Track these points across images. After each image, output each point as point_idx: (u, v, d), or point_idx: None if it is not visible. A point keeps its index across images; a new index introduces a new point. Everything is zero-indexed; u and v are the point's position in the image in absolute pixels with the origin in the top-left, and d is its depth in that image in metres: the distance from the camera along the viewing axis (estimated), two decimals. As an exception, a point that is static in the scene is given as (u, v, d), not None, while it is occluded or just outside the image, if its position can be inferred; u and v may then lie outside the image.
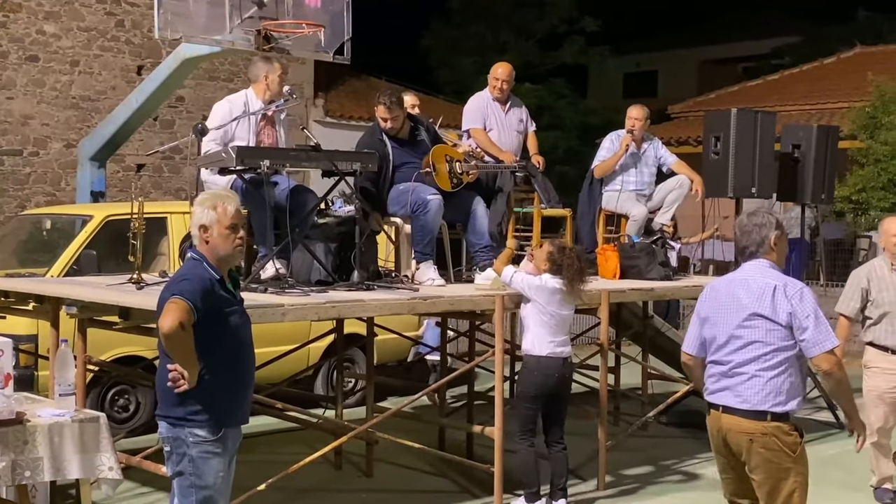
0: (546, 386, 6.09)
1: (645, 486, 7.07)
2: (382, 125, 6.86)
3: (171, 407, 4.19)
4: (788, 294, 4.24)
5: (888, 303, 6.33)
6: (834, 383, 4.30)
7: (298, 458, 5.98)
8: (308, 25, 7.74)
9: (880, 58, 21.32)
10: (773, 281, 4.29)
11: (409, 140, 6.97)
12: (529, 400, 6.13)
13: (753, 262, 4.41)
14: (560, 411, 6.25)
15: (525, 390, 6.15)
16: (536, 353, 6.10)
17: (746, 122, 8.91)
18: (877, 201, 15.07)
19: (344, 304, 5.78)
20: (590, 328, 10.25)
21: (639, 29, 32.47)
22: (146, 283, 6.01)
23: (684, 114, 22.53)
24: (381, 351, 9.13)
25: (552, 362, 6.08)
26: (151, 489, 6.52)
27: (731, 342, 4.34)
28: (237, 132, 6.40)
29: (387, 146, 6.84)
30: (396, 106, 6.81)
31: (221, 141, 6.29)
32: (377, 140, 6.84)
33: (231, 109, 6.46)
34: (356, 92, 19.22)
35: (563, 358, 6.14)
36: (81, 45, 14.89)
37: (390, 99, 6.80)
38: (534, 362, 6.10)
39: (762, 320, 4.24)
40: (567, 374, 6.23)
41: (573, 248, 6.29)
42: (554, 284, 6.08)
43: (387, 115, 6.79)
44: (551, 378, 6.09)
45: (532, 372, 6.11)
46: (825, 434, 8.77)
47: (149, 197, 14.61)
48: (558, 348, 6.10)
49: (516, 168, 7.46)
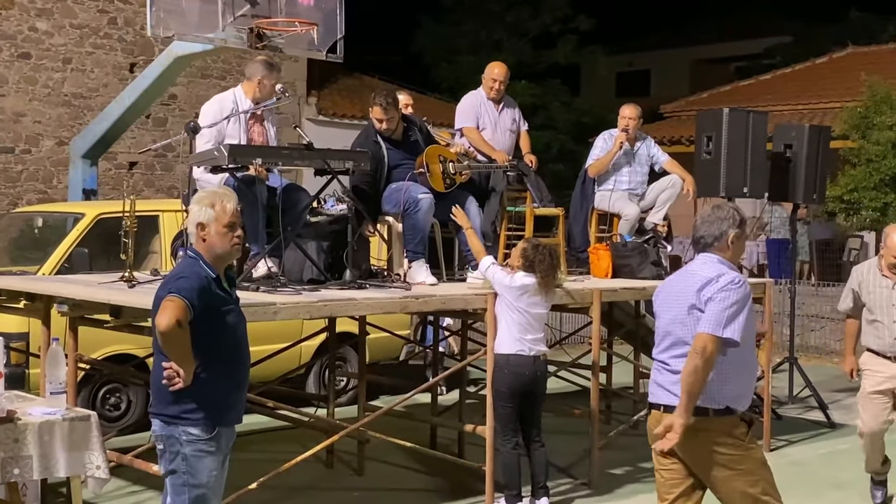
0: (518, 384, 6.07)
1: (636, 485, 7.08)
2: (377, 126, 6.85)
3: (165, 405, 4.18)
4: (719, 284, 4.14)
5: (875, 307, 6.34)
6: (691, 367, 4.08)
7: (290, 457, 5.98)
8: (301, 23, 7.74)
9: (872, 58, 21.39)
10: (713, 273, 4.19)
11: (403, 141, 6.96)
12: (504, 398, 6.12)
13: (705, 254, 4.33)
14: (535, 410, 6.23)
15: (498, 388, 6.14)
16: (505, 351, 6.09)
17: (738, 122, 8.92)
18: (868, 201, 15.10)
19: (336, 302, 5.78)
20: (582, 327, 10.27)
21: (632, 28, 32.51)
22: (137, 281, 6.01)
23: (677, 113, 22.58)
24: (373, 350, 9.12)
25: (521, 360, 6.06)
26: (143, 487, 6.51)
27: (665, 339, 4.30)
28: (229, 131, 6.38)
29: (382, 148, 6.83)
30: (392, 107, 6.80)
31: (216, 140, 6.28)
32: (372, 142, 6.83)
33: (221, 108, 6.43)
34: (349, 90, 19.22)
35: (534, 356, 6.11)
36: (74, 42, 14.86)
37: (386, 100, 6.78)
38: (503, 360, 6.10)
39: (697, 312, 4.17)
40: (539, 372, 6.19)
41: (545, 246, 6.29)
42: (524, 281, 6.07)
43: (382, 115, 6.78)
44: (522, 376, 6.07)
45: (502, 370, 6.10)
46: (816, 433, 8.79)
47: (141, 195, 14.60)
48: (528, 346, 6.08)
49: (508, 168, 7.46)
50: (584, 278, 7.68)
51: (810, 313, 13.54)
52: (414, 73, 24.25)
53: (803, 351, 12.48)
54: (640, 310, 9.30)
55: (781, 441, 8.37)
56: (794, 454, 8.11)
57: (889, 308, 6.25)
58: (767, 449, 8.09)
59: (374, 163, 6.75)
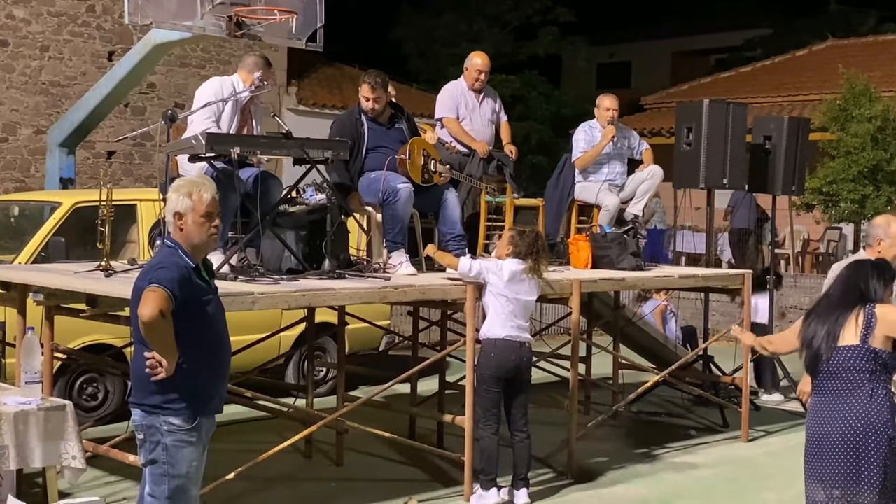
0: (504, 368, 6.08)
1: (614, 475, 7.10)
2: (364, 104, 6.86)
3: (146, 395, 4.16)
4: None
5: None
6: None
7: (268, 447, 5.96)
8: (280, 12, 7.67)
9: (852, 50, 21.49)
10: None
11: (387, 125, 6.96)
12: (489, 382, 6.12)
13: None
14: (521, 398, 6.23)
15: (483, 373, 6.14)
16: (492, 335, 6.10)
17: (718, 114, 8.94)
18: (847, 193, 15.18)
19: (314, 292, 5.75)
20: (561, 318, 10.29)
21: (612, 20, 32.50)
22: (114, 270, 5.96)
23: (657, 105, 22.62)
24: (352, 340, 9.10)
25: (508, 344, 6.08)
26: (120, 478, 6.47)
27: None
28: (227, 116, 6.35)
29: (363, 125, 6.84)
30: (380, 87, 6.82)
31: (215, 121, 6.24)
32: (354, 119, 6.84)
33: (222, 88, 6.40)
34: (329, 80, 19.15)
35: (521, 342, 6.13)
36: (52, 30, 14.73)
37: (375, 80, 6.82)
38: (490, 345, 6.11)
39: None
40: (525, 359, 6.20)
41: (532, 231, 6.30)
42: (514, 267, 6.09)
43: (370, 94, 6.80)
44: (508, 361, 6.08)
45: (488, 354, 6.11)
46: (793, 424, 8.83)
47: (119, 184, 14.51)
48: (514, 332, 6.09)
49: (486, 188, 7.46)
50: (563, 269, 7.68)
51: (789, 304, 13.62)
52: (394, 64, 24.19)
53: (782, 342, 12.54)
54: (619, 300, 9.33)
55: (759, 432, 8.42)
56: (772, 444, 8.16)
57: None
58: (745, 439, 8.15)
59: (352, 139, 6.73)
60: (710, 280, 8.33)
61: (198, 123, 6.18)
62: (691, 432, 8.47)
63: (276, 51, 16.52)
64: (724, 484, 7.03)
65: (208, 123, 6.18)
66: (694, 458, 7.63)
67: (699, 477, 7.15)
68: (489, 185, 7.54)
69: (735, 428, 8.34)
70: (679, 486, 6.93)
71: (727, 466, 7.44)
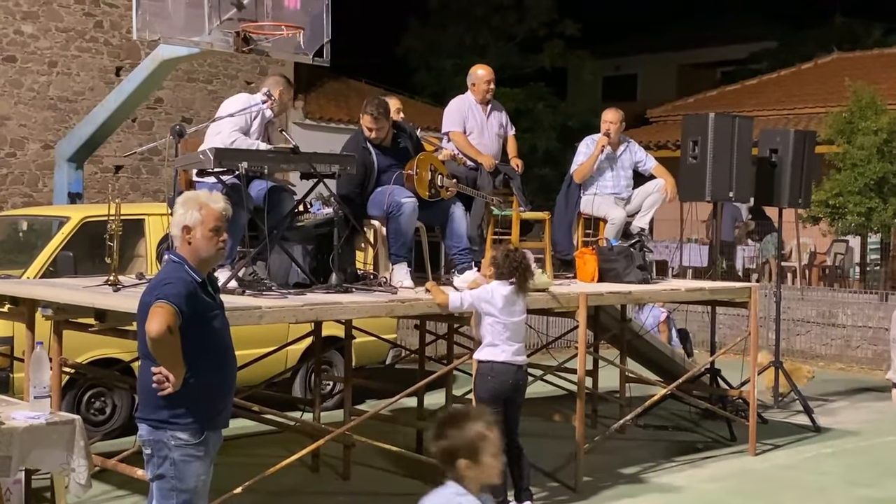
0: (501, 391, 6.05)
1: (622, 489, 7.09)
2: (367, 134, 6.85)
3: (153, 409, 4.16)
4: None
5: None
6: None
7: (276, 461, 5.96)
8: (287, 27, 7.72)
9: (857, 63, 21.50)
10: None
11: (392, 147, 6.96)
12: (488, 404, 6.10)
13: None
14: (514, 416, 6.21)
15: (481, 396, 6.13)
16: (489, 359, 6.07)
17: (724, 127, 8.96)
18: (853, 206, 15.17)
19: (321, 306, 5.77)
20: (568, 331, 10.29)
21: (618, 33, 32.58)
22: (123, 284, 5.98)
23: (663, 117, 22.64)
24: (359, 353, 9.11)
25: (506, 368, 6.05)
26: (127, 492, 6.49)
27: None
28: (252, 130, 6.43)
29: (371, 154, 6.84)
30: (383, 117, 6.81)
31: (241, 131, 6.30)
32: (362, 149, 6.82)
33: (250, 101, 6.49)
34: (336, 94, 19.21)
35: (518, 365, 6.12)
36: (59, 45, 14.80)
37: (377, 110, 6.78)
38: (487, 368, 6.09)
39: None
40: (521, 381, 6.18)
41: (516, 250, 6.29)
42: (502, 291, 6.05)
43: (373, 125, 6.79)
44: (506, 384, 6.06)
45: (486, 377, 6.09)
46: (801, 437, 8.82)
47: (127, 198, 14.54)
48: (511, 356, 6.07)
49: (493, 201, 7.46)
50: (570, 282, 7.69)
51: (796, 317, 13.60)
52: (400, 77, 24.27)
53: (789, 355, 12.54)
54: (625, 313, 9.33)
55: (767, 445, 8.40)
56: (779, 458, 8.13)
57: None
58: (753, 453, 8.13)
59: (364, 168, 6.75)
60: (717, 293, 8.33)
61: (225, 134, 6.22)
62: (699, 446, 8.45)
63: (283, 65, 16.58)
64: (732, 498, 7.02)
65: (236, 135, 6.23)
66: (701, 472, 7.61)
67: (706, 491, 7.14)
68: (496, 199, 7.54)
69: (743, 441, 8.33)
70: (686, 500, 6.92)
71: (735, 480, 7.42)
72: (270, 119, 6.64)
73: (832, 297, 14.23)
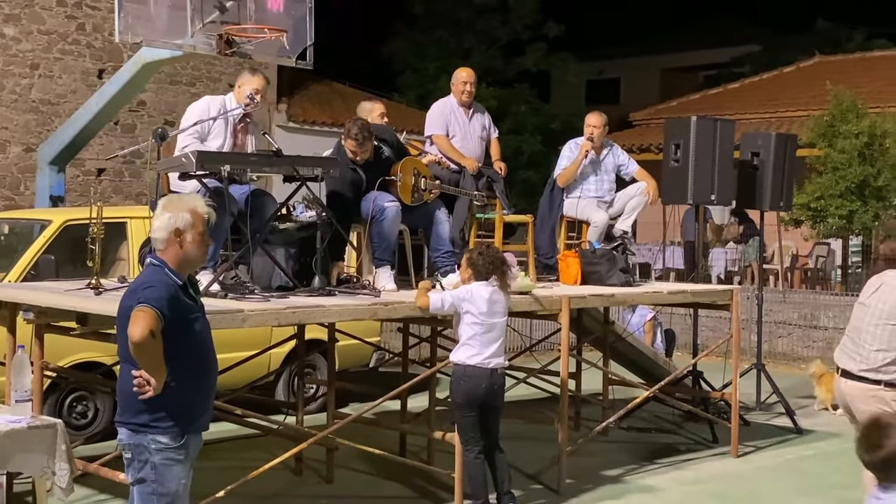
0: (475, 395, 6.02)
1: (604, 491, 7.11)
2: (351, 157, 6.84)
3: (133, 413, 4.14)
4: None
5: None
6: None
7: (258, 465, 5.95)
8: (270, 30, 7.71)
9: (839, 67, 21.66)
10: None
11: (374, 161, 6.95)
12: (462, 408, 6.09)
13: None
14: (493, 421, 6.20)
15: (456, 399, 6.12)
16: (462, 362, 6.04)
17: (706, 130, 9.00)
18: (834, 209, 15.27)
19: (304, 309, 5.76)
20: (551, 334, 10.30)
21: (601, 36, 32.70)
22: (104, 288, 5.96)
23: (646, 121, 22.74)
24: (342, 357, 9.11)
25: (478, 371, 6.00)
26: (109, 496, 6.46)
27: None
28: (215, 132, 6.39)
29: (358, 171, 6.84)
30: (367, 140, 6.79)
31: (200, 138, 6.28)
32: (349, 170, 6.80)
33: (209, 108, 6.45)
34: (320, 97, 19.22)
35: (492, 368, 6.05)
36: (42, 48, 14.75)
37: (362, 134, 6.74)
38: (460, 371, 6.06)
39: None
40: (497, 384, 6.11)
41: (489, 248, 6.29)
42: (486, 294, 6.04)
43: (357, 149, 6.77)
44: (479, 388, 6.01)
45: (458, 381, 6.06)
46: (783, 439, 8.86)
47: (109, 202, 14.51)
48: (487, 359, 6.02)
49: (476, 196, 7.46)
50: (552, 285, 7.71)
51: (778, 320, 13.66)
52: (384, 80, 24.29)
53: (771, 357, 12.60)
54: (608, 316, 9.36)
55: (749, 447, 8.43)
56: (762, 460, 8.17)
57: None
58: (735, 455, 8.17)
59: (353, 187, 6.75)
60: (699, 296, 8.37)
61: (181, 143, 6.23)
62: (681, 448, 8.49)
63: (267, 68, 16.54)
64: (714, 500, 7.04)
65: (189, 139, 6.23)
66: (684, 474, 7.64)
67: (689, 493, 7.17)
68: (478, 193, 7.55)
69: (725, 443, 8.36)
70: (669, 502, 6.95)
71: (717, 482, 7.45)
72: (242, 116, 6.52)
73: (814, 300, 14.30)
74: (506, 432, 6.68)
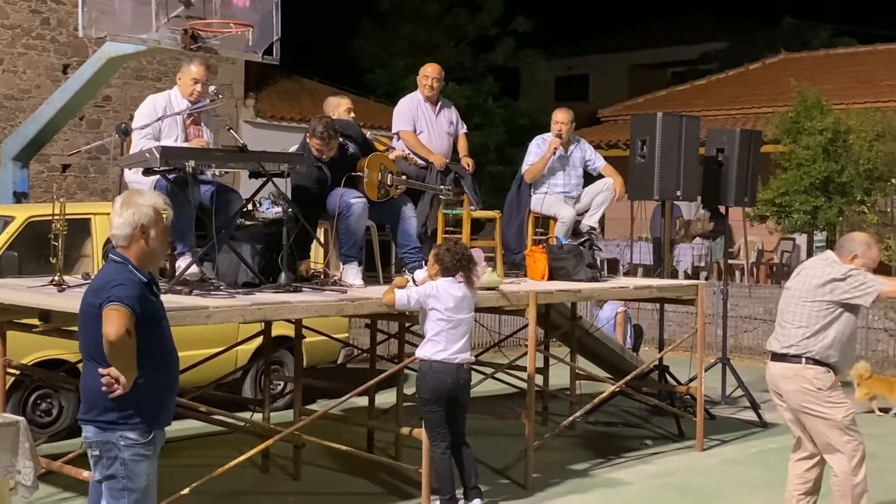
0: (441, 390, 6.03)
1: (571, 485, 7.14)
2: (316, 154, 6.81)
3: (101, 411, 4.13)
4: None
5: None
6: None
7: (225, 462, 5.92)
8: (236, 25, 7.68)
9: (804, 64, 21.86)
10: None
11: (340, 158, 6.93)
12: (429, 404, 6.10)
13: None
14: (460, 416, 6.21)
15: (422, 395, 6.13)
16: (428, 357, 6.05)
17: (672, 126, 9.05)
18: (799, 204, 15.43)
19: (270, 306, 5.74)
20: (519, 329, 10.33)
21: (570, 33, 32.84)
22: (68, 285, 5.92)
23: (614, 117, 22.84)
24: (310, 353, 9.09)
25: (445, 367, 6.02)
26: (74, 494, 6.41)
27: None
28: (166, 131, 6.35)
29: (323, 169, 6.82)
30: (333, 138, 6.77)
31: (154, 138, 6.24)
32: (315, 168, 6.79)
33: (155, 108, 6.41)
34: (287, 92, 19.13)
35: (458, 364, 6.07)
36: (6, 43, 14.58)
37: (327, 132, 6.72)
38: (426, 367, 6.07)
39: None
40: (463, 380, 6.14)
41: (457, 243, 6.30)
42: (453, 291, 6.05)
43: (322, 147, 6.76)
44: (445, 383, 6.02)
45: (425, 377, 6.07)
46: (748, 433, 8.94)
47: (74, 198, 14.38)
48: (453, 354, 6.04)
49: (442, 190, 7.46)
50: (520, 280, 7.73)
51: (744, 314, 13.78)
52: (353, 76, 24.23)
53: (737, 352, 12.70)
54: (576, 311, 9.39)
55: (714, 441, 8.50)
56: (726, 453, 8.24)
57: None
58: (700, 448, 8.23)
59: (319, 184, 6.73)
60: (664, 291, 8.42)
61: (136, 147, 6.19)
62: (647, 442, 8.53)
63: (234, 63, 16.50)
64: (680, 493, 7.09)
65: (144, 141, 6.19)
66: (650, 468, 7.69)
67: (654, 486, 7.21)
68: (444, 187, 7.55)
69: (690, 437, 8.43)
70: (635, 496, 6.99)
71: (682, 476, 7.51)
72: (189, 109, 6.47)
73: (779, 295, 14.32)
74: (473, 427, 6.71)
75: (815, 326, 5.52)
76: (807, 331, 5.54)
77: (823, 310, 5.52)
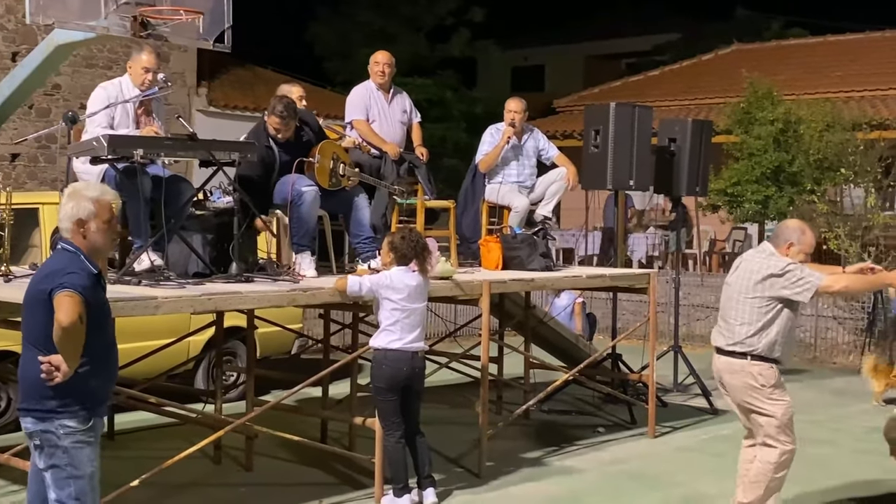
0: (396, 379, 6.04)
1: (525, 473, 7.17)
2: (273, 133, 6.77)
3: (39, 400, 4.11)
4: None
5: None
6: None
7: (176, 454, 5.87)
8: (186, 12, 7.56)
9: (756, 55, 22.09)
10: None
11: (294, 142, 6.89)
12: (383, 393, 6.10)
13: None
14: (414, 404, 6.23)
15: (377, 384, 6.13)
16: (383, 346, 6.05)
17: (624, 116, 9.10)
18: (751, 194, 15.60)
19: (220, 296, 5.69)
20: (473, 318, 10.34)
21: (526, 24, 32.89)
22: (14, 275, 5.83)
23: (569, 108, 22.94)
24: (263, 344, 9.04)
25: (400, 355, 6.03)
26: (23, 486, 6.29)
27: None
28: (118, 119, 6.28)
29: (274, 151, 6.78)
30: (291, 117, 6.74)
31: (108, 127, 6.17)
32: (265, 147, 6.74)
33: (107, 96, 6.35)
34: (241, 81, 18.96)
35: (413, 352, 6.08)
36: (-49, 29, 14.30)
37: (286, 110, 6.70)
38: (381, 356, 6.07)
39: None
40: (418, 368, 6.16)
41: (412, 231, 6.30)
42: (407, 280, 6.04)
43: (280, 126, 6.72)
44: (400, 372, 6.03)
45: (380, 365, 6.07)
46: (699, 420, 9.04)
47: (24, 188, 14.15)
48: (408, 343, 6.04)
49: (396, 190, 7.43)
50: (474, 270, 7.74)
51: (696, 303, 13.91)
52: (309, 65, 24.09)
53: (689, 340, 12.82)
54: (529, 301, 9.43)
55: (666, 427, 8.59)
56: (678, 440, 8.32)
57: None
58: (652, 435, 8.31)
59: (265, 166, 6.68)
60: (617, 280, 8.48)
61: (90, 135, 6.12)
62: (600, 429, 8.60)
63: (185, 51, 16.33)
64: (632, 480, 7.15)
65: (98, 130, 6.12)
66: (603, 455, 7.75)
67: (608, 473, 7.27)
68: (400, 188, 7.53)
69: (643, 424, 8.50)
70: (588, 483, 7.04)
71: (635, 462, 7.57)
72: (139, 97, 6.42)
73: (731, 283, 14.56)
74: (428, 417, 6.71)
75: (757, 324, 5.56)
76: (750, 328, 5.57)
77: (764, 306, 5.55)
